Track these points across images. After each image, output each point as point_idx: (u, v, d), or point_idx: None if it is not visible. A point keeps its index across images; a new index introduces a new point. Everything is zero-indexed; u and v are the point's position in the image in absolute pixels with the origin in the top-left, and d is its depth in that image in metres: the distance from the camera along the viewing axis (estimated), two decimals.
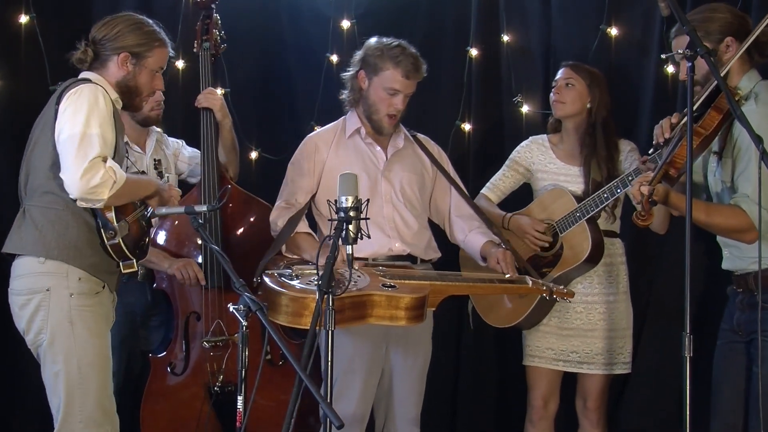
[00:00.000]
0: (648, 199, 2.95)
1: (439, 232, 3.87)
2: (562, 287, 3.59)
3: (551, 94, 3.94)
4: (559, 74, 3.94)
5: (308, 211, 3.74)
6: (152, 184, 3.27)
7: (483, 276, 3.59)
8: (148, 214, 3.24)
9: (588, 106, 3.86)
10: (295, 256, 3.61)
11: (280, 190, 3.76)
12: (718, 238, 3.25)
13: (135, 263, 3.17)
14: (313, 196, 3.73)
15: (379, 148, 3.74)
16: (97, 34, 3.23)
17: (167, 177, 3.94)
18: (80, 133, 2.98)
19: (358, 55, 3.72)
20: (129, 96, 3.26)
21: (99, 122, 3.02)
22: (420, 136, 3.86)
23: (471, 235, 3.77)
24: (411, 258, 3.69)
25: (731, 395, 3.15)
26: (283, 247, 3.61)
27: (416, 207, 3.74)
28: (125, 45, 3.21)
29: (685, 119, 2.98)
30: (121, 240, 3.09)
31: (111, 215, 3.07)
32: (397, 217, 3.68)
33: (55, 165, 3.05)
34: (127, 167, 3.45)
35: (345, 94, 3.77)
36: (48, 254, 3.08)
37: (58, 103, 3.08)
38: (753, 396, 3.04)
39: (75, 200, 3.02)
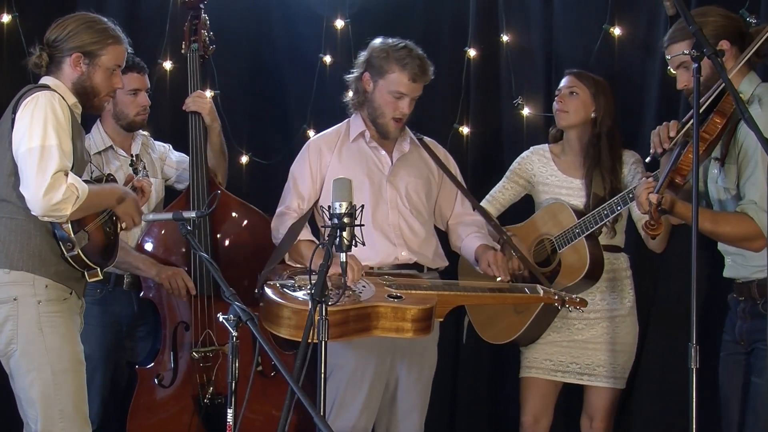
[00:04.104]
0: (657, 207, 2.90)
1: (445, 239, 3.80)
2: (574, 296, 3.50)
3: (554, 104, 3.84)
4: (563, 83, 3.84)
5: (311, 218, 3.64)
6: (116, 192, 3.24)
7: (492, 285, 3.50)
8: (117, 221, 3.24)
9: (593, 115, 3.76)
10: (299, 265, 3.52)
11: (282, 195, 3.68)
12: (720, 246, 3.20)
13: (99, 272, 3.17)
14: (316, 202, 3.63)
15: (384, 152, 3.66)
16: (50, 36, 3.19)
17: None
18: (39, 146, 2.97)
19: (363, 56, 3.65)
20: (86, 97, 3.21)
21: (56, 132, 3.00)
22: (427, 139, 3.79)
23: (467, 240, 3.69)
24: (418, 267, 3.60)
25: (740, 408, 3.10)
26: (286, 256, 3.52)
27: (423, 213, 3.66)
28: (77, 45, 3.16)
29: (688, 125, 2.96)
30: (80, 251, 3.08)
31: (67, 227, 3.07)
32: (403, 224, 3.60)
33: (14, 174, 3.04)
34: (92, 171, 3.44)
35: (349, 97, 3.71)
36: (12, 265, 3.07)
37: (14, 111, 3.06)
38: (750, 407, 3.02)
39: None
